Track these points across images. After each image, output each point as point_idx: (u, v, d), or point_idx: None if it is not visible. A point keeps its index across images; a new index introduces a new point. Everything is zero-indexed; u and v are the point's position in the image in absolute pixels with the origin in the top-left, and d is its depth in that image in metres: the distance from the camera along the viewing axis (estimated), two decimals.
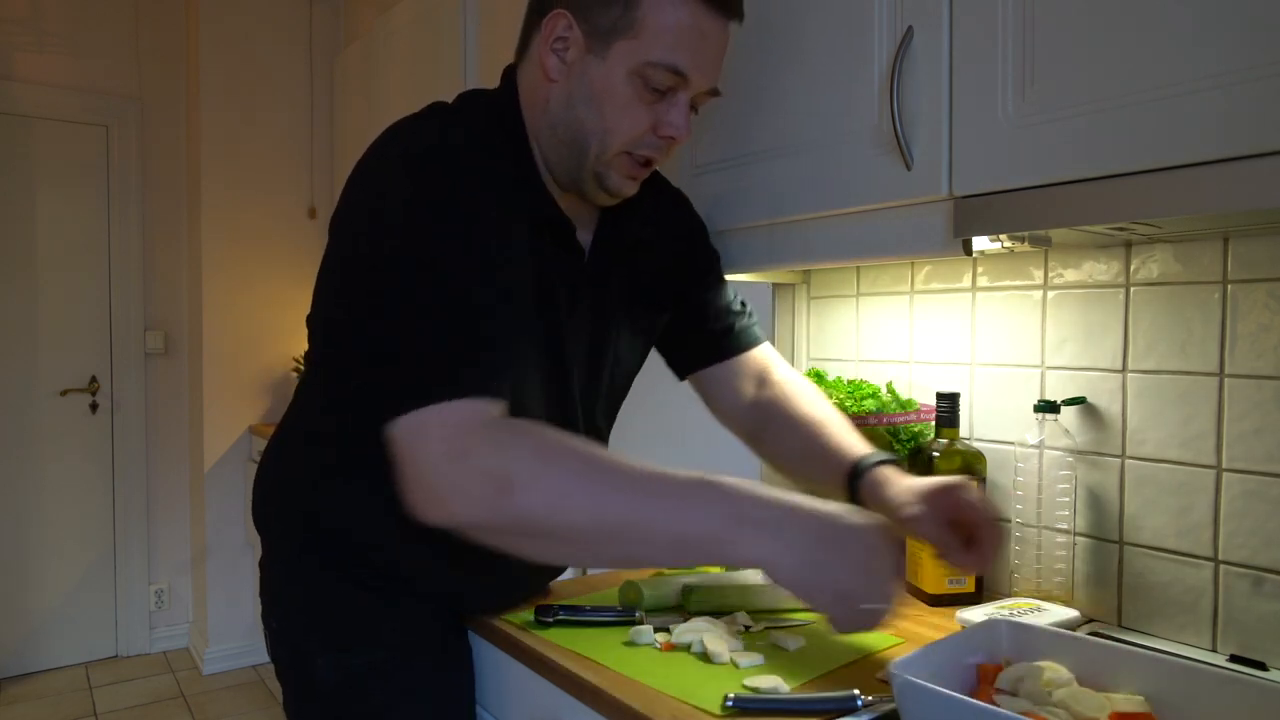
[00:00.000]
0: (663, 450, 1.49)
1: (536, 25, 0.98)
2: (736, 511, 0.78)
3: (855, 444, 1.07)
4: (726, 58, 1.17)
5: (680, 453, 1.28)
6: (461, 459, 0.77)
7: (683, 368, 1.22)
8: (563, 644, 1.01)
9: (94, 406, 3.47)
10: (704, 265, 1.21)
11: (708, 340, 1.18)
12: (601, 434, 1.17)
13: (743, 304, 1.23)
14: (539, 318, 0.99)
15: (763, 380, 1.19)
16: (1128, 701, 0.74)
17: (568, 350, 1.04)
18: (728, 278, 1.23)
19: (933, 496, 0.96)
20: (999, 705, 0.72)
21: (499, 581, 1.10)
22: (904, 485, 0.99)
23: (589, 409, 1.11)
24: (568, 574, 1.26)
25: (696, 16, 0.92)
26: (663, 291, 1.16)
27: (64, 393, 3.40)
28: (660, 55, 0.92)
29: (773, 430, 1.14)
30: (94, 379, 3.47)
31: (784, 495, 0.80)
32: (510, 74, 1.04)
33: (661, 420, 1.32)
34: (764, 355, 1.21)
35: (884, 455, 1.04)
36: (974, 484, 0.99)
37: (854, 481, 1.03)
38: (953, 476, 1.00)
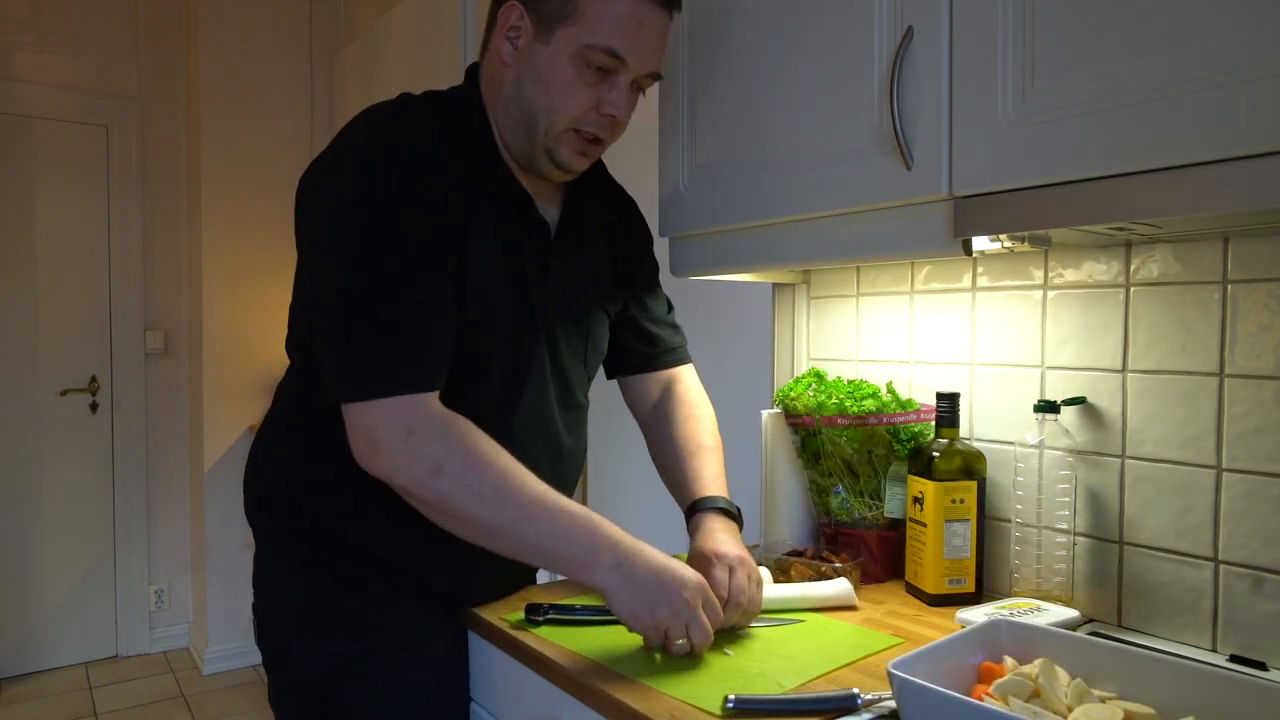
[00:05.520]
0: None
1: (494, 17, 1.08)
2: (596, 547, 0.95)
3: (709, 481, 1.19)
4: (727, 58, 1.18)
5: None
6: (408, 438, 0.93)
7: (614, 369, 1.32)
8: (561, 643, 1.01)
9: (94, 406, 3.47)
10: (650, 269, 1.31)
11: (644, 353, 1.29)
12: (582, 411, 1.22)
13: (675, 323, 1.34)
14: (508, 287, 1.06)
15: (666, 392, 1.30)
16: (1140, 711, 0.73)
17: (547, 322, 1.11)
18: (728, 278, 1.26)
19: (698, 561, 1.06)
20: (996, 703, 0.72)
21: (473, 566, 1.10)
22: (704, 536, 1.10)
23: (569, 385, 1.16)
24: None
25: (631, 5, 1.01)
26: (621, 277, 1.24)
27: (64, 393, 3.40)
28: (598, 39, 1.00)
29: (655, 440, 1.28)
30: (94, 379, 3.47)
31: (638, 545, 0.97)
32: (473, 69, 1.14)
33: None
34: (679, 371, 1.31)
35: (720, 502, 1.16)
36: (737, 571, 1.03)
37: (689, 515, 1.17)
38: (729, 554, 1.06)
